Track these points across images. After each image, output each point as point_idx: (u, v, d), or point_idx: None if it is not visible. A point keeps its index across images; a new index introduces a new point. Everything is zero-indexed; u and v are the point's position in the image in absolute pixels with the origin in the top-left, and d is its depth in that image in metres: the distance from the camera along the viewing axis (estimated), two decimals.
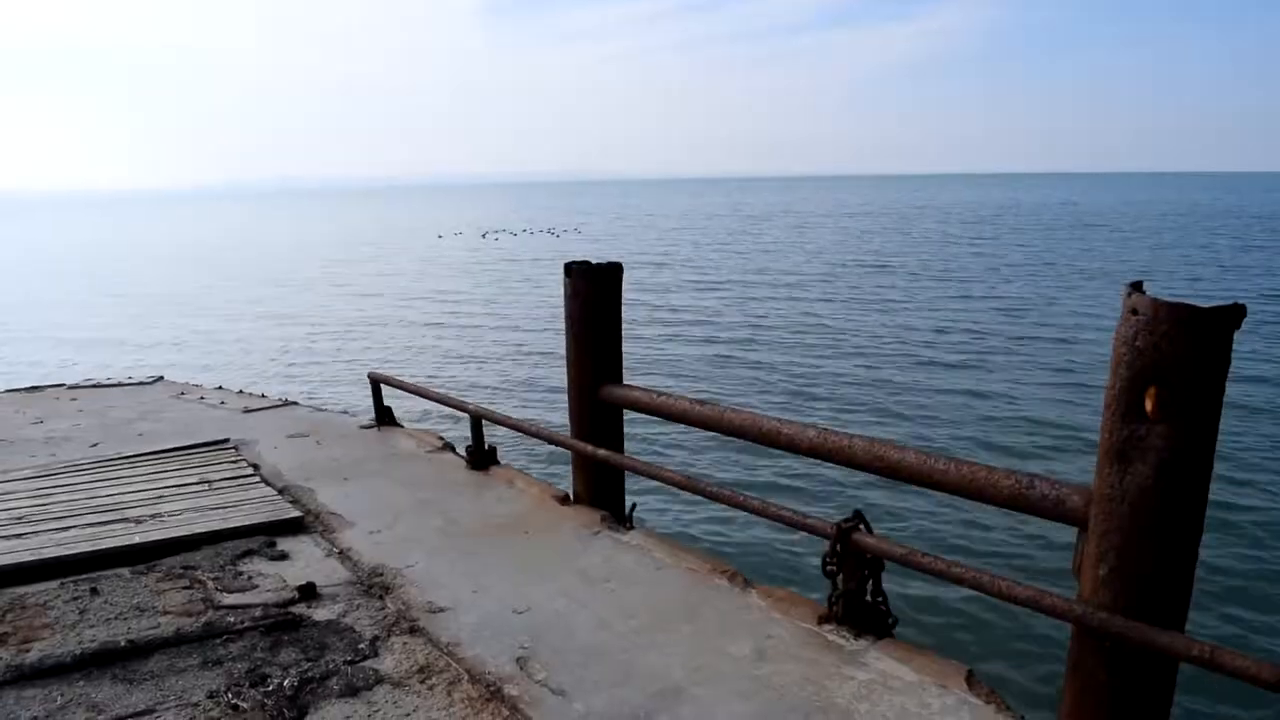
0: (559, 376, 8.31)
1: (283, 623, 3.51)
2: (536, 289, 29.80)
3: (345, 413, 8.54)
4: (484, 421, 5.70)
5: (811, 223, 65.61)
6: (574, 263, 4.83)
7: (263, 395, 8.81)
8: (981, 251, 38.78)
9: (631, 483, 5.07)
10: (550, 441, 5.39)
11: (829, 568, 3.40)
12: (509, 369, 17.34)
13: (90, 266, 45.34)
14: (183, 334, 23.06)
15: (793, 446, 3.82)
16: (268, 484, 5.35)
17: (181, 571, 4.06)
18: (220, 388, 9.22)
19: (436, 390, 6.76)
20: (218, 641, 3.38)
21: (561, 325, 5.06)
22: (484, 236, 58.95)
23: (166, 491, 5.16)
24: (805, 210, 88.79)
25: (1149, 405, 2.37)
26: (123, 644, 3.31)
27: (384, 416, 6.97)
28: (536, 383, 15.93)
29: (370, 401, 7.08)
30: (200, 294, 31.51)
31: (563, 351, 5.11)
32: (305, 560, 4.24)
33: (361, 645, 3.35)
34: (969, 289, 26.59)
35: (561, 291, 4.95)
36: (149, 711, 2.90)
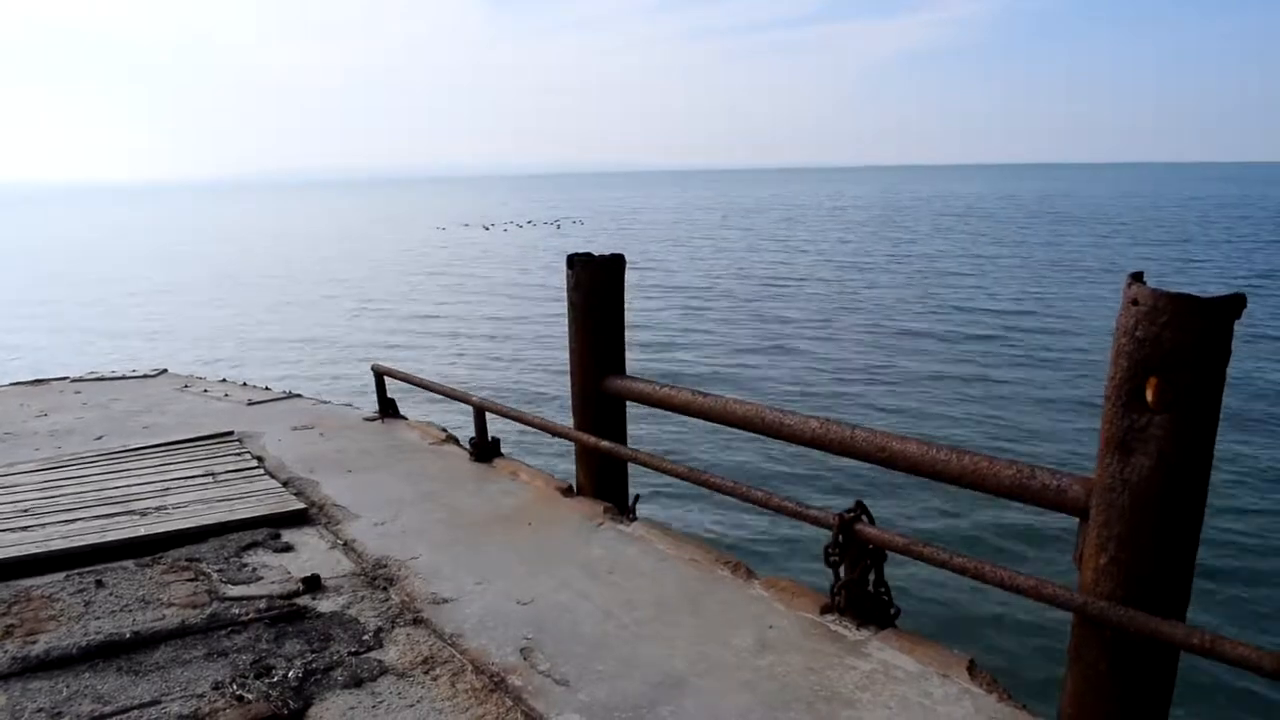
0: (562, 368, 8.29)
1: (287, 614, 3.53)
2: (539, 281, 29.80)
3: (349, 405, 8.55)
4: (487, 413, 5.71)
5: (816, 216, 65.44)
6: (576, 255, 4.83)
7: (266, 388, 8.82)
8: (976, 244, 38.71)
9: (634, 474, 5.08)
10: (553, 433, 5.40)
11: (831, 558, 3.41)
12: (512, 361, 17.35)
13: (89, 260, 45.39)
14: (186, 325, 23.09)
15: (795, 438, 3.83)
16: (272, 476, 5.37)
17: (186, 564, 4.09)
18: (224, 380, 9.24)
19: (440, 382, 6.77)
20: (223, 633, 3.40)
21: (564, 317, 5.07)
22: (487, 229, 58.90)
23: (171, 484, 5.18)
24: (809, 203, 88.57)
25: (1149, 395, 2.38)
26: (128, 636, 3.33)
27: (387, 409, 6.98)
28: (540, 375, 15.94)
29: (374, 393, 7.10)
30: (202, 286, 31.55)
31: (566, 343, 5.12)
32: (309, 552, 4.25)
33: (366, 636, 3.37)
34: (966, 282, 26.56)
35: (564, 283, 4.95)
36: (154, 703, 2.92)
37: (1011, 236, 42.26)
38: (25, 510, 4.73)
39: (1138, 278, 2.44)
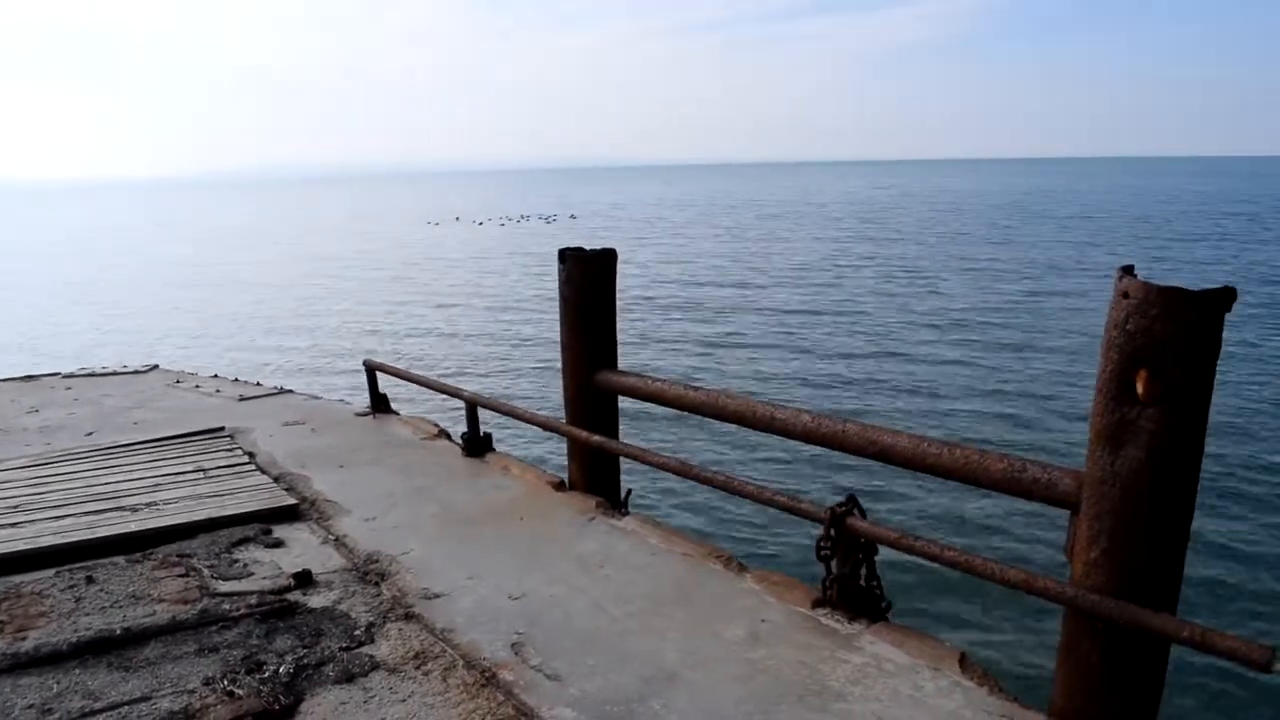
0: (554, 363, 8.27)
1: (278, 610, 3.52)
2: (531, 276, 29.76)
3: (341, 400, 8.54)
4: (479, 408, 5.70)
5: (798, 214, 65.42)
6: (568, 249, 4.82)
7: (258, 383, 8.80)
8: (963, 242, 38.72)
9: (626, 468, 5.08)
10: (545, 428, 5.39)
11: (823, 552, 3.41)
12: (504, 356, 17.33)
13: (78, 255, 45.20)
14: (178, 321, 23.00)
15: (787, 431, 3.83)
16: (263, 472, 5.35)
17: (177, 559, 4.07)
18: (215, 376, 9.21)
19: (432, 377, 6.76)
20: (213, 629, 3.39)
21: (556, 312, 5.06)
22: (480, 224, 58.80)
23: (162, 480, 5.16)
24: (791, 198, 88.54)
25: (1140, 388, 2.38)
26: (119, 632, 3.32)
27: (379, 404, 6.97)
28: (532, 370, 15.93)
29: (366, 389, 7.08)
30: (194, 282, 31.43)
31: (558, 338, 5.11)
32: (301, 547, 4.24)
33: (357, 632, 3.36)
34: (958, 278, 26.60)
35: (556, 278, 4.94)
36: (145, 699, 2.91)
37: (998, 234, 42.11)
38: (15, 506, 4.70)
39: (1128, 271, 2.44)
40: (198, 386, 8.20)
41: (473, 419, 5.70)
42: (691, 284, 26.30)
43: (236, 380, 8.96)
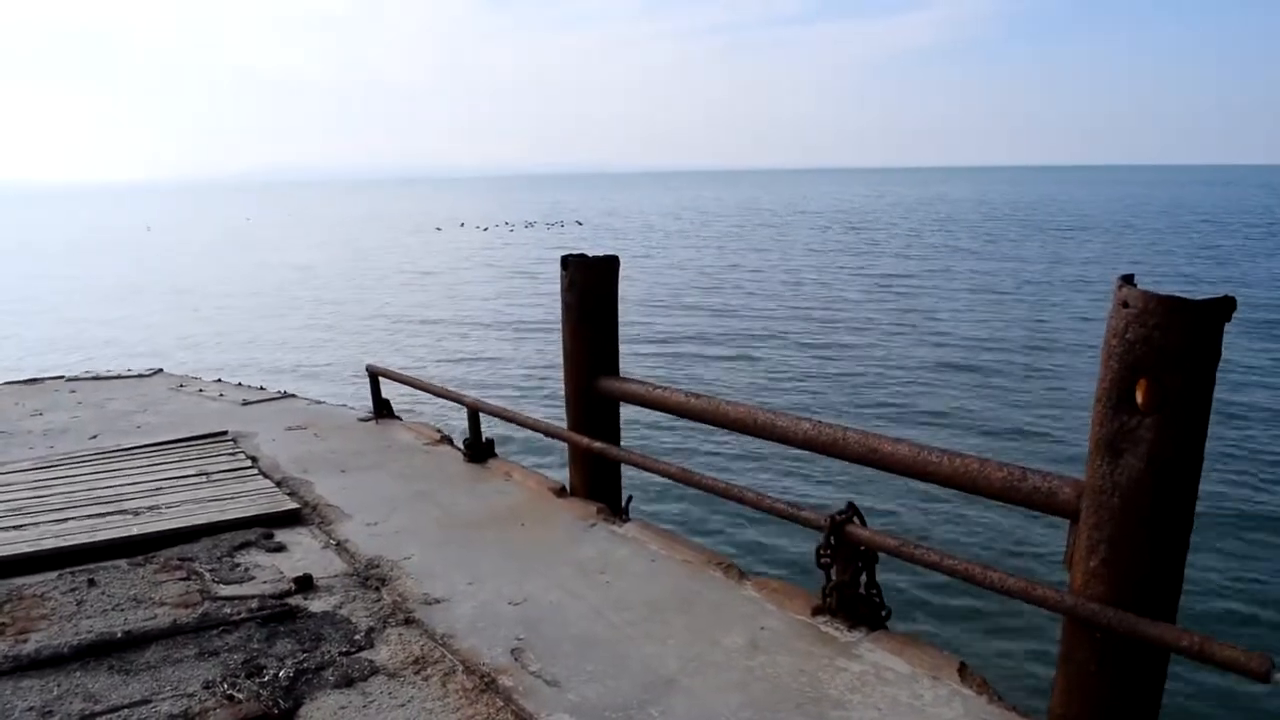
0: (556, 369, 8.28)
1: (279, 614, 3.53)
2: (534, 282, 29.79)
3: (343, 405, 8.55)
4: (481, 414, 5.71)
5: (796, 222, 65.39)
6: (570, 255, 4.84)
7: (261, 388, 8.81)
8: (960, 252, 38.71)
9: (627, 475, 5.08)
10: (547, 434, 5.40)
11: (823, 559, 3.42)
12: (507, 361, 17.34)
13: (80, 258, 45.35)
14: (182, 325, 23.04)
15: (787, 439, 3.84)
16: (265, 476, 5.36)
17: (179, 563, 4.08)
18: (219, 380, 9.23)
19: (434, 383, 6.77)
20: (214, 632, 3.40)
21: (559, 318, 5.07)
22: (485, 230, 58.89)
23: (164, 483, 5.17)
24: (779, 207, 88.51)
25: (1140, 397, 2.38)
26: (120, 635, 3.33)
27: (382, 409, 6.98)
28: (534, 375, 15.93)
29: (368, 394, 7.09)
30: (196, 284, 31.51)
31: (560, 344, 5.12)
32: (302, 552, 4.25)
33: (357, 636, 3.36)
34: (955, 285, 26.59)
35: (559, 284, 4.95)
36: (145, 702, 2.91)
37: (996, 244, 42.07)
38: (18, 509, 4.72)
39: (1128, 280, 2.45)
40: (201, 391, 8.22)
41: (474, 424, 5.71)
42: (691, 291, 26.31)
43: (240, 385, 8.98)
